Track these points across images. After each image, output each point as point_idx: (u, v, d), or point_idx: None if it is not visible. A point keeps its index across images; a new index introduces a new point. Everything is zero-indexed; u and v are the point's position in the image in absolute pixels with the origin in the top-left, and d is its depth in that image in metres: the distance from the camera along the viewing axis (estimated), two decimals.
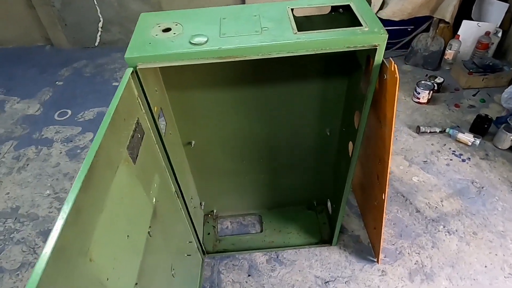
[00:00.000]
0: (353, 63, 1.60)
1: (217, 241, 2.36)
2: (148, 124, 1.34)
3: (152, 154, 1.39)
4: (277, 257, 2.26)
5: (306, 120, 1.89)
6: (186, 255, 1.86)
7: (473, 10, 3.63)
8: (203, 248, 2.27)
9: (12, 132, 3.31)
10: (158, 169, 1.44)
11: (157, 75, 1.52)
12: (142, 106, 1.26)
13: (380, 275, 2.14)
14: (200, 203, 2.35)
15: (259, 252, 2.29)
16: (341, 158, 1.96)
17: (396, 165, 2.77)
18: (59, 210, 2.62)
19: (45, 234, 2.47)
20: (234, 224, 2.47)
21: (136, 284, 1.15)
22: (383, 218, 1.82)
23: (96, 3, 4.12)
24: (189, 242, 1.93)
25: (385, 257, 2.22)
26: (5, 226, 2.55)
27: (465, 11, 3.64)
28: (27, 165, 2.99)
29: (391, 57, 3.84)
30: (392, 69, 1.20)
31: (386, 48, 1.26)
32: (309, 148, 2.05)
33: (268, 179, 2.27)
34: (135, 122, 1.20)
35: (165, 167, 1.54)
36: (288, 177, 2.26)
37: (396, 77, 1.19)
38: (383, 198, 1.67)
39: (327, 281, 2.13)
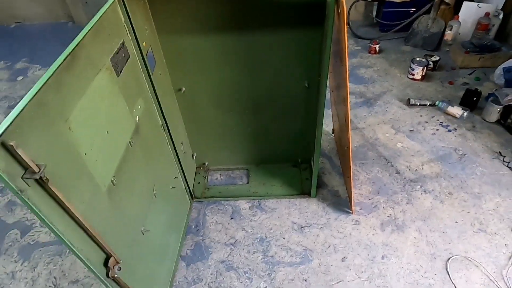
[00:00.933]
0: (324, 12, 1.75)
1: (206, 189, 2.55)
2: (134, 51, 1.54)
3: (137, 79, 1.59)
4: (259, 205, 2.44)
5: (285, 72, 2.05)
6: (171, 187, 2.06)
7: None
8: (193, 193, 2.47)
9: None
10: (142, 94, 1.64)
11: (147, 16, 1.72)
12: (128, 32, 1.47)
13: (353, 224, 2.27)
14: (192, 154, 2.56)
15: (243, 200, 2.47)
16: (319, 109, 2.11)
17: (382, 133, 2.89)
18: None
19: None
20: (223, 177, 2.66)
21: (114, 177, 1.36)
22: (350, 161, 1.96)
23: None
24: (175, 177, 2.13)
25: (360, 209, 2.35)
26: None
27: None
28: None
29: (393, 38, 3.97)
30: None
31: (387, 30, 1.39)
32: (291, 100, 2.21)
33: (255, 134, 2.45)
34: (120, 42, 1.41)
35: (151, 98, 1.75)
36: (273, 132, 2.43)
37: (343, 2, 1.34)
38: (348, 138, 1.81)
39: (303, 226, 2.28)
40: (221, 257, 2.16)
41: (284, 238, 2.23)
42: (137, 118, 1.58)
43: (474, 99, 2.93)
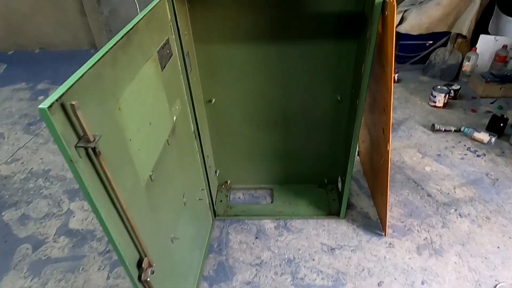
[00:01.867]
0: (361, 24, 1.76)
1: (229, 208, 2.44)
2: (177, 51, 1.54)
3: (177, 78, 1.57)
4: (285, 224, 2.31)
5: (318, 84, 2.04)
6: (198, 198, 1.96)
7: (490, 25, 3.78)
8: (215, 210, 2.36)
9: None
10: (180, 96, 1.61)
11: (187, 21, 1.74)
12: (172, 30, 1.47)
13: (387, 247, 2.13)
14: (216, 171, 2.48)
15: (268, 219, 2.35)
16: (350, 125, 2.07)
17: (409, 157, 2.81)
18: None
19: (70, 193, 2.65)
20: (246, 196, 2.56)
21: (152, 172, 1.29)
22: (388, 177, 1.88)
23: (139, 11, 4.60)
24: (201, 189, 2.04)
25: (393, 231, 2.22)
26: (36, 183, 2.76)
27: (482, 27, 3.79)
28: None
29: (410, 70, 4.03)
30: (391, 0, 1.36)
31: (404, 62, 1.39)
32: (322, 115, 2.17)
33: (281, 151, 2.38)
34: (166, 38, 1.41)
35: (187, 101, 1.72)
36: (300, 150, 2.36)
37: (394, 4, 1.34)
38: (388, 150, 1.75)
39: (333, 248, 2.14)
40: (246, 278, 2.00)
41: (314, 260, 2.08)
42: (175, 118, 1.53)
43: (501, 125, 2.88)
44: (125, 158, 1.08)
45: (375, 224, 2.28)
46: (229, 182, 2.59)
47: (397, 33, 4.09)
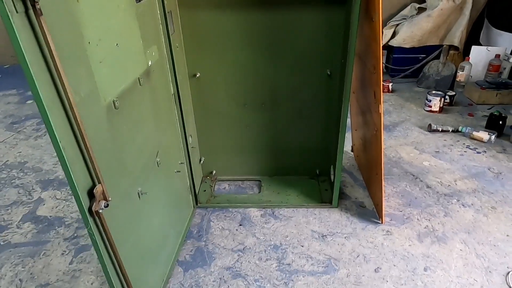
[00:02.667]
0: None
1: (212, 197, 2.25)
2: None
3: (154, 23, 1.49)
4: (273, 213, 2.11)
5: (307, 58, 1.96)
6: (175, 171, 1.80)
7: (481, 37, 3.82)
8: (197, 198, 2.17)
9: (38, 113, 3.53)
10: (158, 44, 1.52)
11: None
12: None
13: (384, 234, 1.92)
14: (200, 159, 2.33)
15: (254, 208, 2.15)
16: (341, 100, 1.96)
17: (406, 153, 2.67)
18: None
19: (45, 183, 2.47)
20: (232, 186, 2.38)
21: (117, 99, 1.16)
22: (382, 148, 1.73)
23: None
24: (180, 162, 1.88)
25: (391, 220, 2.02)
26: (9, 174, 2.58)
27: (473, 38, 3.84)
28: (44, 135, 3.13)
29: (403, 82, 4.01)
30: None
31: (397, 75, 1.36)
32: (312, 94, 2.08)
33: (271, 137, 2.25)
34: None
35: (166, 56, 1.63)
36: (290, 135, 2.24)
37: None
38: (380, 112, 1.62)
39: (325, 235, 1.93)
40: (226, 264, 1.77)
41: (303, 246, 1.86)
42: (150, 63, 1.43)
43: (500, 122, 2.78)
44: (80, 58, 0.96)
45: (371, 213, 2.08)
46: (214, 172, 2.42)
47: (390, 47, 4.14)
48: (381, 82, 1.59)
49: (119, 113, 1.18)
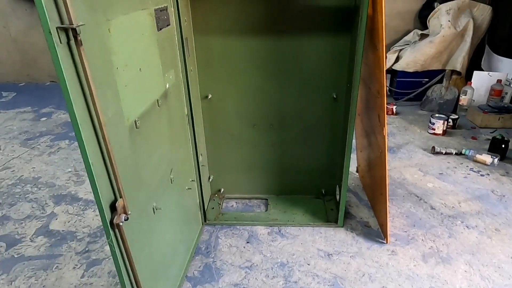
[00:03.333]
0: (354, 18, 1.84)
1: (220, 214, 2.31)
2: (175, 23, 1.59)
3: (172, 49, 1.60)
4: (280, 231, 2.16)
5: (314, 81, 2.06)
6: (186, 188, 1.86)
7: (482, 62, 3.93)
8: (205, 215, 2.23)
9: (52, 130, 3.67)
10: (175, 68, 1.63)
11: (187, 8, 1.83)
12: (172, 2, 1.54)
13: (389, 254, 1.95)
14: (209, 177, 2.40)
15: (261, 226, 2.20)
16: (346, 122, 2.04)
17: (410, 174, 2.72)
18: (75, 182, 2.73)
19: (57, 198, 2.54)
20: (239, 204, 2.43)
21: (138, 120, 1.25)
22: (386, 169, 1.79)
23: None
24: (191, 180, 1.95)
25: (395, 240, 2.05)
26: (23, 189, 2.66)
27: (475, 64, 3.94)
28: (58, 151, 3.23)
29: (407, 105, 4.10)
30: None
31: (400, 98, 1.47)
32: (318, 116, 2.16)
33: (278, 157, 2.33)
34: (165, 5, 1.47)
35: (182, 80, 1.73)
36: (298, 155, 2.31)
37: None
38: (384, 135, 1.70)
39: (331, 254, 1.96)
40: (234, 280, 1.81)
41: (309, 265, 1.90)
42: (167, 86, 1.53)
43: (503, 146, 2.83)
44: (110, 81, 1.06)
45: (376, 233, 2.12)
46: (222, 190, 2.49)
47: (394, 71, 4.26)
48: (385, 106, 1.67)
49: (140, 132, 1.27)
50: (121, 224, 1.08)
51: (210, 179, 2.40)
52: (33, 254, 2.04)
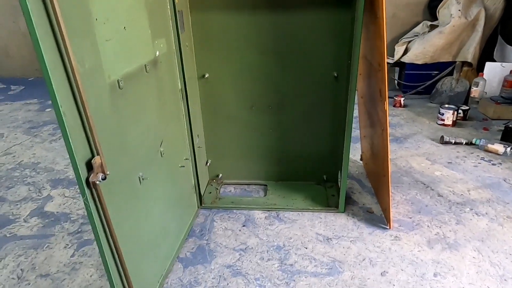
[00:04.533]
0: None
1: (217, 199, 2.24)
2: None
3: (164, 18, 1.55)
4: (278, 215, 2.08)
5: (314, 59, 1.98)
6: (179, 165, 1.80)
7: (494, 53, 3.79)
8: (201, 199, 2.16)
9: (55, 120, 3.60)
10: (166, 37, 1.58)
11: None
12: None
13: (392, 240, 1.85)
14: (207, 161, 2.34)
15: (258, 210, 2.12)
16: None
17: (416, 163, 2.61)
18: None
19: (55, 182, 2.51)
20: (237, 190, 2.36)
21: (121, 80, 1.19)
22: (388, 146, 1.70)
23: None
24: (185, 158, 1.89)
25: (399, 226, 1.95)
26: (22, 173, 2.65)
27: (487, 55, 3.80)
28: (59, 139, 3.22)
29: (416, 98, 3.98)
30: None
31: (408, 90, 1.40)
32: (319, 97, 2.08)
33: (277, 141, 2.25)
34: None
35: (175, 52, 1.68)
36: (297, 139, 2.23)
37: None
38: (385, 109, 1.61)
39: (330, 238, 1.87)
40: (227, 262, 1.73)
41: (306, 248, 1.81)
42: (157, 53, 1.48)
43: None
44: (87, 30, 1.01)
45: (379, 219, 2.02)
46: (220, 176, 2.42)
47: (402, 63, 4.15)
48: (387, 80, 1.58)
49: (123, 94, 1.22)
50: (97, 182, 1.03)
51: (208, 164, 2.34)
52: (25, 233, 2.00)
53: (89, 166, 1.03)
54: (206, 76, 2.08)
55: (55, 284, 1.65)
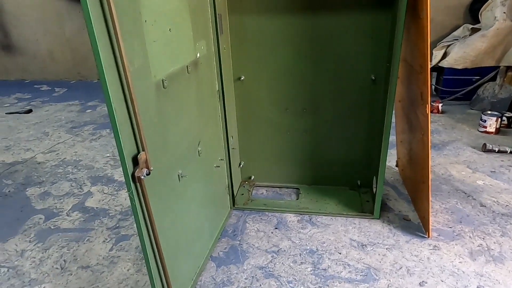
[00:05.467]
0: None
1: (249, 201, 2.25)
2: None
3: (205, 21, 1.60)
4: (310, 219, 2.06)
5: (351, 62, 1.96)
6: (215, 165, 1.83)
7: None
8: (234, 200, 2.18)
9: (95, 120, 3.85)
10: (207, 39, 1.62)
11: None
12: None
13: (431, 249, 1.78)
14: (240, 163, 2.36)
15: (291, 213, 2.11)
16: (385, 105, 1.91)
17: (456, 171, 2.50)
18: (112, 166, 2.82)
19: (95, 179, 2.63)
20: (269, 192, 2.36)
21: (165, 80, 1.24)
22: (429, 152, 1.64)
23: None
24: (220, 159, 1.92)
25: (438, 235, 1.87)
26: (65, 170, 2.79)
27: None
28: (99, 138, 3.37)
29: (455, 104, 3.82)
30: None
31: (447, 96, 1.37)
32: (355, 100, 2.05)
33: (311, 144, 2.23)
34: None
35: (214, 53, 1.72)
36: (332, 143, 2.20)
37: None
38: (427, 113, 1.56)
39: (364, 245, 1.83)
40: (259, 263, 1.73)
41: (340, 253, 1.78)
42: (198, 55, 1.52)
43: None
44: (138, 30, 1.06)
45: (416, 227, 1.95)
46: (253, 177, 2.43)
47: (440, 68, 4.00)
48: (429, 82, 1.53)
49: (167, 93, 1.26)
50: (142, 177, 1.06)
51: (241, 165, 2.36)
52: (68, 227, 2.10)
53: (135, 162, 1.07)
54: (242, 78, 2.10)
55: (95, 276, 1.72)
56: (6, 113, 4.20)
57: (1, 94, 5.04)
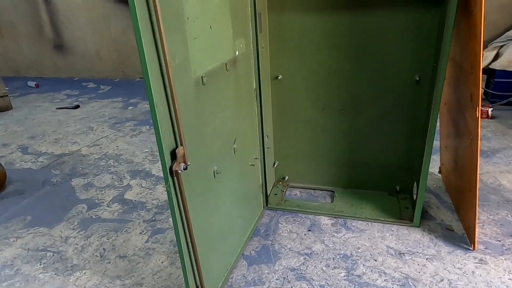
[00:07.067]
0: None
1: (283, 201, 2.23)
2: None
3: (245, 19, 1.60)
4: (345, 223, 2.00)
5: (393, 61, 1.88)
6: (250, 164, 1.83)
7: None
8: (267, 199, 2.17)
9: (136, 117, 4.00)
10: (245, 37, 1.62)
11: None
12: None
13: (476, 263, 1.66)
14: (274, 163, 2.34)
15: (325, 216, 2.06)
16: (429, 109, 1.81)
17: (507, 180, 2.32)
18: (150, 161, 2.91)
19: (134, 173, 2.73)
20: (303, 194, 2.33)
21: (204, 76, 1.25)
22: (478, 160, 1.53)
23: None
24: (255, 158, 1.91)
25: (485, 248, 1.74)
26: (107, 163, 2.93)
27: None
28: (139, 134, 3.50)
29: (507, 109, 3.55)
30: None
31: (498, 100, 1.28)
32: (396, 101, 1.97)
33: (348, 146, 2.17)
34: None
35: (252, 52, 1.72)
36: (371, 145, 2.13)
37: None
38: (477, 117, 1.45)
39: (403, 253, 1.74)
40: (291, 265, 1.71)
41: (376, 261, 1.71)
42: (237, 53, 1.52)
43: None
44: (179, 27, 1.08)
45: (460, 238, 1.83)
46: (287, 178, 2.41)
47: (491, 70, 3.75)
48: (480, 83, 1.43)
49: (205, 89, 1.27)
50: (180, 172, 1.08)
51: (275, 165, 2.35)
52: (108, 217, 2.20)
53: (173, 156, 1.09)
54: (280, 77, 2.09)
55: (131, 265, 1.78)
56: (56, 108, 4.49)
57: (53, 90, 5.40)
